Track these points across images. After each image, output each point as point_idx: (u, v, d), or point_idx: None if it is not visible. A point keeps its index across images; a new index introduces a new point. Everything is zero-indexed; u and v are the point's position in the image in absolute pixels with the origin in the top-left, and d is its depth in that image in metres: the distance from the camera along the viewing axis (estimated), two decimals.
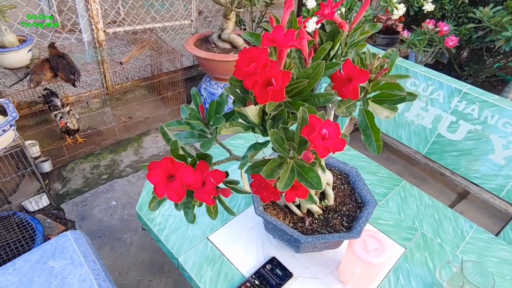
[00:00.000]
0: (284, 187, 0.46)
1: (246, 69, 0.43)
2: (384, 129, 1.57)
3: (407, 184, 1.22)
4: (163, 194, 0.44)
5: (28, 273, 1.02)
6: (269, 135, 0.45)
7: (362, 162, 1.33)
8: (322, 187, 0.47)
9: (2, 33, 1.72)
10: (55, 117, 2.04)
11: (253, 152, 0.49)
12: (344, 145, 0.43)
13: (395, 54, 0.59)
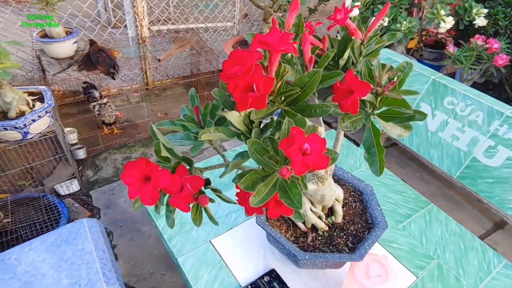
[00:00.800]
0: (258, 202, 0.43)
1: (228, 71, 0.41)
2: (416, 147, 1.47)
3: (434, 208, 1.12)
4: (135, 195, 0.43)
5: (42, 254, 1.07)
6: (248, 145, 0.42)
7: (388, 180, 1.25)
8: (302, 207, 0.43)
9: None
10: (93, 108, 2.16)
11: (238, 161, 0.46)
12: (327, 163, 0.39)
13: (409, 67, 0.53)
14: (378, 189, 1.18)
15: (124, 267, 1.54)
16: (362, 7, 1.98)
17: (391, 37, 0.60)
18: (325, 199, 0.78)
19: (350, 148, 1.44)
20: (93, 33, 2.39)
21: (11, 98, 1.41)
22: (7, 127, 1.39)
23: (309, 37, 0.50)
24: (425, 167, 1.73)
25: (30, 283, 1.00)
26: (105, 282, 1.00)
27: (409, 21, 1.79)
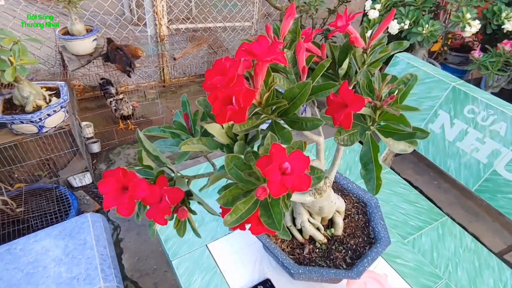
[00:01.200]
0: (233, 222, 0.40)
1: (209, 81, 0.39)
2: (431, 156, 1.40)
3: (449, 221, 1.07)
4: (111, 206, 0.42)
5: (45, 246, 1.10)
6: (225, 160, 0.40)
7: (401, 189, 1.20)
8: (281, 228, 0.40)
9: (72, 22, 1.89)
10: (110, 104, 2.19)
11: (221, 173, 0.44)
12: (308, 184, 0.37)
13: (414, 79, 0.49)
14: (389, 198, 1.14)
15: (128, 261, 1.55)
16: (382, 9, 1.91)
17: (397, 45, 0.56)
18: (324, 210, 0.75)
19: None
20: (113, 31, 2.43)
21: (29, 93, 1.44)
22: (24, 120, 1.43)
23: (303, 45, 0.47)
24: (443, 175, 1.66)
25: (31, 275, 1.02)
26: (103, 279, 1.01)
27: (432, 24, 1.71)
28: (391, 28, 1.83)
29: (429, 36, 1.75)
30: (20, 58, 1.32)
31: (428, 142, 1.45)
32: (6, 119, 1.41)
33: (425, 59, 2.06)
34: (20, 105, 1.49)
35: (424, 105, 1.45)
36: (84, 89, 2.55)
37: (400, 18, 1.84)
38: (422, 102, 1.45)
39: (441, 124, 1.36)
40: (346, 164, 1.35)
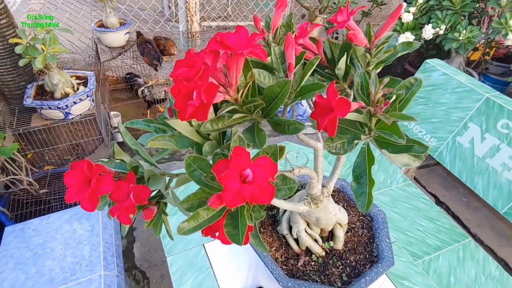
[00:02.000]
0: (191, 230, 0.37)
1: (174, 73, 0.35)
2: (457, 172, 1.28)
3: (472, 244, 0.97)
4: (73, 199, 0.40)
5: (55, 228, 1.13)
6: (186, 162, 0.36)
7: (422, 204, 1.11)
8: (241, 242, 0.36)
9: (106, 15, 1.96)
10: (142, 93, 2.25)
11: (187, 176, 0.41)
12: (271, 195, 0.32)
13: (418, 84, 0.43)
14: (407, 213, 1.06)
15: (139, 250, 1.58)
16: (417, 13, 1.78)
17: (406, 46, 0.49)
18: (321, 222, 0.69)
19: (383, 162, 1.31)
20: (146, 25, 2.49)
21: (58, 80, 1.50)
22: (52, 106, 1.49)
23: (292, 40, 0.42)
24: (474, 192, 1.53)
25: (39, 255, 1.06)
26: (104, 267, 1.02)
27: (470, 30, 1.56)
28: (425, 33, 1.71)
29: (466, 43, 1.60)
30: (51, 47, 1.37)
31: (454, 156, 1.33)
32: (36, 104, 1.47)
33: (461, 68, 1.90)
34: (50, 92, 1.56)
35: (453, 116, 1.33)
36: (117, 80, 2.63)
37: (435, 22, 1.71)
38: (451, 113, 1.34)
39: (470, 138, 1.24)
40: None
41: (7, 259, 1.05)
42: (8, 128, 1.59)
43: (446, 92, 1.36)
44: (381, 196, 1.14)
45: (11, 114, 1.61)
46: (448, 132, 1.32)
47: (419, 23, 1.79)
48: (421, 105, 1.46)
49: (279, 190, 0.37)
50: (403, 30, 1.81)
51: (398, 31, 1.84)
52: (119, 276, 1.04)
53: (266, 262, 0.69)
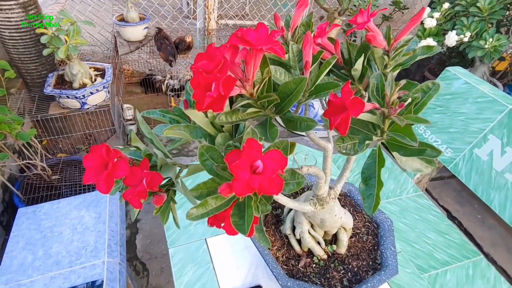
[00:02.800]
0: (199, 216, 0.38)
1: (195, 65, 0.37)
2: (473, 185, 1.26)
3: (484, 262, 0.95)
4: (90, 180, 0.41)
5: (65, 213, 1.16)
6: (199, 151, 0.37)
7: (432, 216, 1.10)
8: (246, 232, 0.37)
9: (127, 10, 2.00)
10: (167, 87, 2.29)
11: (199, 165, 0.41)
12: (279, 187, 0.33)
13: (435, 88, 0.43)
14: (415, 225, 1.04)
15: (141, 242, 1.60)
16: (442, 19, 1.76)
17: (426, 50, 0.49)
18: (325, 224, 0.69)
19: (393, 170, 1.30)
20: (165, 21, 2.53)
21: (77, 71, 1.54)
22: (69, 95, 1.53)
23: (311, 39, 0.43)
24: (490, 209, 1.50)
25: (48, 238, 1.08)
26: (108, 254, 1.04)
27: (497, 38, 1.53)
28: (448, 40, 1.69)
29: (492, 52, 1.57)
30: (73, 38, 1.41)
31: (471, 169, 1.31)
32: (55, 92, 1.51)
33: (485, 78, 1.87)
34: (69, 82, 1.60)
35: (472, 127, 1.30)
36: (133, 73, 2.68)
37: (460, 29, 1.68)
38: (471, 124, 1.31)
39: (489, 151, 1.21)
40: None
41: (18, 238, 1.08)
42: (28, 114, 1.64)
43: (466, 101, 1.33)
44: (389, 205, 1.13)
45: (31, 101, 1.66)
46: (465, 143, 1.30)
47: (442, 29, 1.77)
48: (439, 113, 1.44)
49: (287, 184, 0.38)
50: (424, 35, 1.79)
51: (420, 36, 1.82)
52: (121, 264, 1.06)
53: (267, 260, 0.69)
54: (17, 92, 1.68)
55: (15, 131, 1.29)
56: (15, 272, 0.98)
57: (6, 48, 1.54)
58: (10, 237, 1.08)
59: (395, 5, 2.55)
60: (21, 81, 1.71)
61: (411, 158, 0.50)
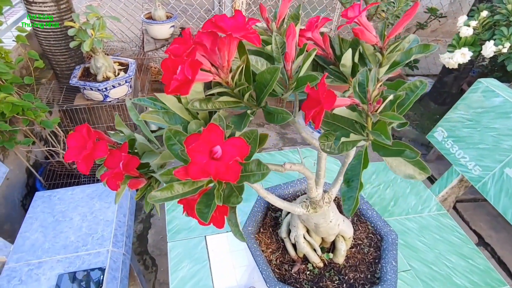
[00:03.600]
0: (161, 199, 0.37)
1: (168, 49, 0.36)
2: (502, 208, 1.16)
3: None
4: (71, 159, 0.42)
5: (77, 200, 1.20)
6: (165, 134, 0.37)
7: (455, 238, 1.03)
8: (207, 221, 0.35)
9: (155, 8, 2.06)
10: None
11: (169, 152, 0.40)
12: (236, 175, 0.31)
13: (422, 87, 0.40)
14: (435, 245, 0.98)
15: (152, 237, 1.62)
16: (479, 27, 1.65)
17: (424, 48, 0.46)
18: (320, 229, 0.66)
19: (416, 186, 1.24)
20: (192, 20, 2.58)
21: (102, 64, 1.61)
22: (93, 87, 1.59)
23: (294, 31, 0.41)
24: None
25: (59, 222, 1.12)
26: (113, 243, 1.06)
27: None
28: (485, 50, 1.58)
29: None
30: (99, 32, 1.47)
31: (500, 190, 1.21)
32: (80, 84, 1.58)
33: None
34: (94, 74, 1.67)
35: (504, 144, 1.21)
36: (159, 72, 2.75)
37: (499, 39, 1.57)
38: (503, 141, 1.21)
39: None
40: (394, 193, 1.21)
41: (33, 220, 1.13)
42: (56, 104, 1.73)
43: (499, 116, 1.23)
44: (408, 222, 1.07)
45: (59, 92, 1.75)
46: (496, 161, 1.20)
47: (479, 38, 1.66)
48: (468, 128, 1.34)
49: (253, 175, 0.36)
50: (459, 45, 1.69)
51: (454, 46, 1.71)
52: (125, 255, 1.08)
53: (257, 261, 0.67)
54: (47, 83, 1.78)
55: (39, 118, 1.36)
56: (26, 252, 1.03)
57: (39, 40, 1.64)
58: (25, 218, 1.14)
59: (430, 12, 2.43)
60: (52, 72, 1.81)
61: (403, 163, 0.46)
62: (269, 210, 0.81)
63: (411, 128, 2.42)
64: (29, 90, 1.54)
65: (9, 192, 1.49)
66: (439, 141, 1.31)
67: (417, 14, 2.60)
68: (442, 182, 1.32)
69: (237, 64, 0.40)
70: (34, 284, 0.94)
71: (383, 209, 1.14)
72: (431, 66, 3.03)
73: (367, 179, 1.26)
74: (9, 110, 1.23)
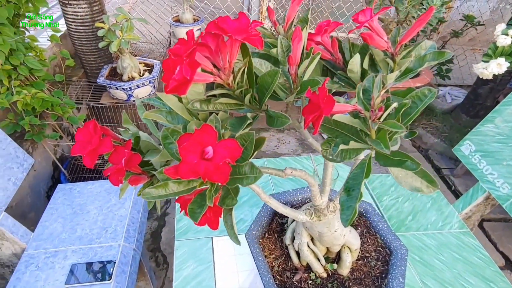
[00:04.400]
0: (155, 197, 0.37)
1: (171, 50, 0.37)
2: None
3: None
4: (77, 153, 0.44)
5: (95, 194, 1.24)
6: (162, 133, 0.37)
7: (477, 259, 0.98)
8: (197, 220, 0.35)
9: (183, 11, 2.12)
10: None
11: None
12: (225, 176, 0.31)
13: (431, 96, 0.38)
14: (454, 264, 0.93)
15: (166, 235, 1.64)
16: None
17: (438, 55, 0.44)
18: (323, 238, 0.65)
19: (438, 201, 1.19)
20: None
21: (127, 64, 1.66)
22: (118, 87, 1.65)
23: (299, 35, 0.41)
24: None
25: (76, 214, 1.17)
26: (125, 238, 1.09)
27: None
28: None
29: None
30: (126, 33, 1.52)
31: None
32: (106, 83, 1.65)
33: None
34: (120, 74, 1.73)
35: None
36: None
37: None
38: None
39: None
40: (412, 207, 1.16)
41: (53, 211, 1.18)
42: (84, 101, 1.81)
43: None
44: (426, 238, 1.03)
45: (88, 90, 1.82)
46: None
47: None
48: (498, 143, 1.27)
49: (246, 177, 0.36)
50: (496, 55, 1.61)
51: (490, 55, 1.63)
52: (136, 250, 1.10)
53: (258, 266, 0.66)
54: (78, 81, 1.86)
55: (67, 114, 1.42)
56: (44, 240, 1.08)
57: (72, 40, 1.72)
58: (47, 209, 1.19)
59: (467, 20, 2.33)
60: (83, 71, 1.89)
61: (410, 175, 0.44)
62: (276, 216, 0.80)
63: (439, 140, 2.32)
64: (60, 87, 1.62)
65: (35, 183, 1.56)
66: (466, 155, 1.25)
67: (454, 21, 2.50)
68: (466, 199, 1.25)
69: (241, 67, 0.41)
70: (49, 272, 0.98)
71: (400, 223, 1.09)
72: (466, 76, 2.89)
73: (385, 191, 1.22)
74: (39, 105, 1.29)
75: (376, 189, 1.24)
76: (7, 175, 1.06)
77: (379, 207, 1.16)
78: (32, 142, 1.52)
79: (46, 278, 0.96)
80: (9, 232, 1.02)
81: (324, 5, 2.66)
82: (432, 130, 2.40)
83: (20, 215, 1.43)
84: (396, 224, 1.09)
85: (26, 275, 0.97)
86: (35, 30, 1.64)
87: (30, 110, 1.33)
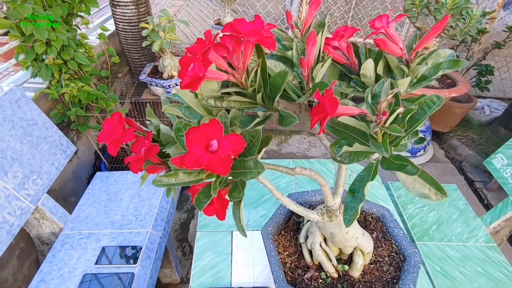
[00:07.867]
0: (164, 184, 0.40)
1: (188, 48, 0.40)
2: None
3: None
4: (103, 141, 0.49)
5: (129, 183, 1.33)
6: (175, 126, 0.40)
7: (501, 274, 0.94)
8: (201, 209, 0.38)
9: (224, 15, 2.18)
10: None
11: None
12: (227, 168, 0.33)
13: (439, 103, 0.38)
14: (475, 278, 0.90)
15: (193, 227, 1.71)
16: None
17: (453, 64, 0.43)
18: (335, 239, 0.65)
19: (466, 213, 1.14)
20: None
21: (168, 63, 1.76)
22: (158, 84, 1.75)
23: (315, 37, 0.42)
24: None
25: (110, 200, 1.26)
26: (153, 226, 1.16)
27: None
28: None
29: None
30: (168, 34, 1.61)
31: None
32: (147, 80, 1.75)
33: None
34: (161, 72, 1.82)
35: None
36: None
37: None
38: None
39: None
40: (438, 217, 1.13)
41: (89, 196, 1.29)
42: (128, 97, 1.93)
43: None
44: (449, 249, 1.00)
45: (132, 86, 1.95)
46: None
47: None
48: None
49: (250, 172, 0.39)
50: None
51: None
52: (162, 238, 1.16)
53: (271, 261, 0.69)
54: (123, 77, 2.00)
55: (110, 107, 1.54)
56: (80, 223, 1.17)
57: (119, 38, 1.85)
58: (84, 194, 1.29)
59: (510, 32, 2.19)
60: (128, 68, 2.02)
61: (419, 182, 0.44)
62: (293, 215, 0.81)
63: (474, 153, 2.20)
64: (106, 83, 1.75)
65: (78, 170, 1.70)
66: (497, 169, 1.19)
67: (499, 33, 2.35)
68: (495, 213, 1.19)
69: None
70: (82, 252, 1.07)
71: (424, 232, 1.06)
72: (508, 89, 2.72)
73: (411, 200, 1.19)
74: (84, 98, 1.41)
75: (401, 196, 1.20)
76: (51, 160, 1.17)
77: (403, 214, 1.13)
78: (77, 132, 1.66)
79: (78, 257, 1.05)
80: (49, 212, 1.12)
81: (363, 12, 2.61)
82: (467, 141, 2.28)
83: (62, 198, 1.56)
84: (419, 232, 1.06)
85: (61, 253, 1.07)
86: (87, 29, 1.78)
87: (76, 102, 1.45)
